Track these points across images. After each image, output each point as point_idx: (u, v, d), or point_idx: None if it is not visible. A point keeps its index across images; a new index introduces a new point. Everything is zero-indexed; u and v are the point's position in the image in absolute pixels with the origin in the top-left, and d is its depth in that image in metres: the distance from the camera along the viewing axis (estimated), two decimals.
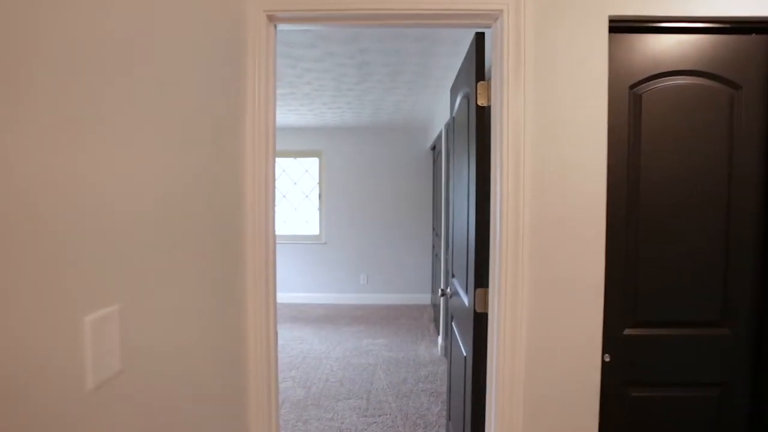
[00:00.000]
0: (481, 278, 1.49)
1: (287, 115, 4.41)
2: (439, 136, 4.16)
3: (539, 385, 1.35)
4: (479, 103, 1.48)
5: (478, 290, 1.48)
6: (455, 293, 2.03)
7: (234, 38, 1.26)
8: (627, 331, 1.41)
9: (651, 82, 1.39)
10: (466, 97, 1.69)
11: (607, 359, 1.40)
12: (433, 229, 5.24)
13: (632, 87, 1.39)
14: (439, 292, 2.20)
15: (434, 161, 5.12)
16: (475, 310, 1.49)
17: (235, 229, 1.30)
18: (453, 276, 2.12)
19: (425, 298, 5.47)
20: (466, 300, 1.67)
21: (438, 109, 4.03)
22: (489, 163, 1.44)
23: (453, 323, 2.07)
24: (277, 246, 5.27)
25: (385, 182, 5.44)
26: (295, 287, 5.55)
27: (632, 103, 1.39)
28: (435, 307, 4.80)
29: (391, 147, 5.42)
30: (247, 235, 1.37)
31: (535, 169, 1.33)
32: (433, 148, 5.10)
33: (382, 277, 5.51)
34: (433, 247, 5.17)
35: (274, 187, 1.44)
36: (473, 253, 1.54)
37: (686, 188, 1.38)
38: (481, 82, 1.47)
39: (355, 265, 5.52)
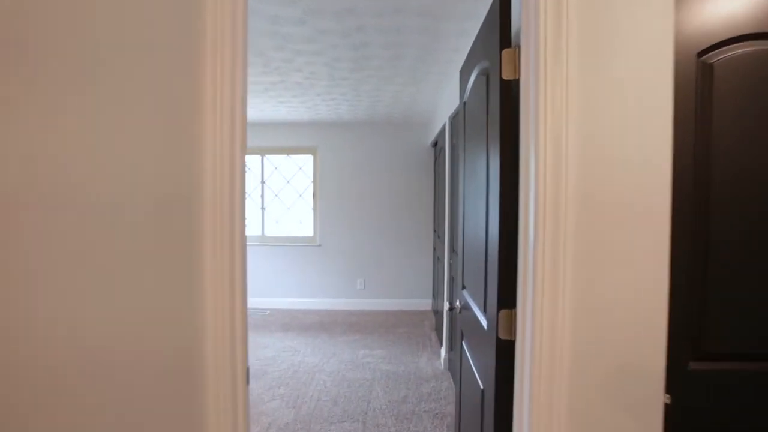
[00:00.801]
0: (505, 296, 1.19)
1: (278, 108, 4.10)
2: (442, 132, 3.86)
3: None
4: (504, 76, 1.17)
5: (503, 312, 1.18)
6: (466, 307, 1.73)
7: None
8: (693, 365, 1.11)
9: (725, 48, 1.09)
10: (485, 73, 1.38)
11: (667, 401, 1.10)
12: (435, 230, 4.93)
13: (700, 54, 1.09)
14: (446, 305, 1.90)
15: (436, 158, 4.82)
16: (497, 336, 1.19)
17: (186, 226, 1.01)
18: (464, 287, 1.81)
19: (426, 304, 5.17)
20: (483, 321, 1.37)
21: (441, 101, 3.72)
22: (517, 150, 1.14)
23: (464, 343, 1.76)
24: (270, 248, 4.95)
25: (384, 181, 5.14)
26: (287, 292, 5.24)
27: (700, 75, 1.09)
28: (437, 313, 4.50)
29: (389, 143, 5.12)
30: (205, 233, 1.07)
31: (581, 157, 1.02)
32: (435, 144, 4.80)
33: (380, 282, 5.20)
34: (434, 249, 4.87)
35: (243, 181, 1.13)
36: (495, 264, 1.24)
37: None
38: (507, 49, 1.17)
39: (351, 268, 5.21)
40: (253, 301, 5.23)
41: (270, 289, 5.24)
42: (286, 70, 2.84)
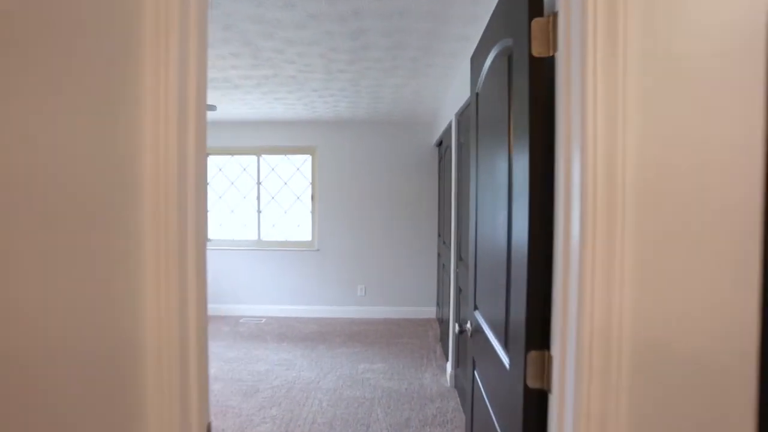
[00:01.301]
0: (535, 331, 0.94)
1: (273, 105, 3.86)
2: (448, 130, 3.61)
3: None
4: (535, 52, 0.92)
5: (532, 354, 0.92)
6: (479, 331, 1.48)
7: None
8: None
9: None
10: (506, 53, 1.13)
11: None
12: (439, 235, 4.68)
13: None
14: (455, 327, 1.65)
15: (440, 159, 4.57)
16: (525, 384, 0.94)
17: (123, 225, 0.77)
18: (476, 308, 1.56)
19: (430, 312, 4.91)
20: (504, 359, 1.11)
21: (446, 97, 3.48)
22: (549, 142, 0.90)
23: (477, 373, 1.51)
24: (266, 253, 4.70)
25: (385, 182, 4.89)
26: (284, 299, 4.99)
27: None
28: (441, 322, 4.25)
29: (391, 143, 4.87)
30: (144, 237, 0.82)
31: (642, 145, 0.77)
32: (439, 144, 4.55)
33: (381, 289, 4.95)
34: (439, 255, 4.61)
35: (200, 175, 0.89)
36: (521, 288, 0.99)
37: None
38: (538, 18, 0.92)
39: (351, 274, 4.96)
40: (248, 309, 4.99)
41: (266, 296, 5.00)
42: (278, 62, 2.60)
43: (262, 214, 5.08)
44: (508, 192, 1.11)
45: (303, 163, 5.05)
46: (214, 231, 5.16)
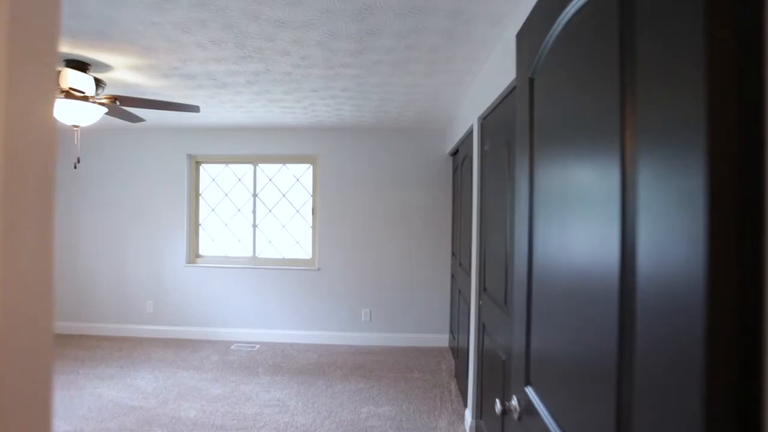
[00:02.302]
0: None
1: (269, 108, 3.45)
2: (467, 137, 3.17)
3: None
4: None
5: None
6: (533, 413, 1.00)
7: None
8: None
9: None
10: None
11: None
12: (453, 254, 4.21)
13: None
14: (496, 406, 1.17)
15: (455, 170, 4.12)
16: None
17: None
18: (529, 383, 1.08)
19: (442, 340, 4.41)
20: None
21: (465, 100, 3.04)
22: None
23: None
24: (261, 272, 4.20)
25: (393, 196, 4.44)
26: (281, 323, 4.52)
27: None
28: (455, 352, 3.75)
29: (400, 152, 4.43)
30: None
31: None
32: (455, 153, 4.11)
33: (388, 313, 4.47)
34: (453, 277, 4.13)
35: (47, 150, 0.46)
36: (689, 369, 0.51)
37: None
38: None
39: (355, 297, 4.48)
40: (240, 334, 4.52)
41: (260, 320, 4.53)
42: (269, 53, 2.17)
43: (258, 229, 4.64)
44: (621, 206, 0.64)
45: (303, 173, 4.62)
46: (205, 247, 4.72)
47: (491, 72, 2.20)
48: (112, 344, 4.36)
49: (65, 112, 2.29)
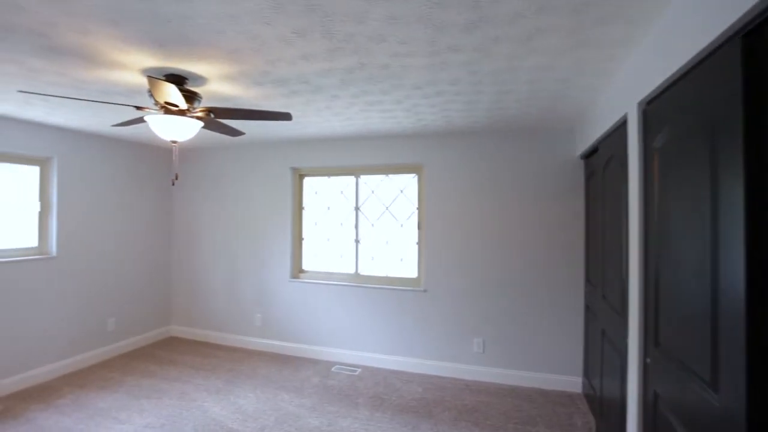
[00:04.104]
0: None
1: (369, 113, 3.13)
2: (615, 132, 2.43)
3: None
4: None
5: None
6: None
7: None
8: None
9: None
10: None
11: None
12: (588, 279, 3.39)
13: None
14: None
15: (590, 176, 3.32)
16: None
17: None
18: None
19: (573, 384, 3.58)
20: None
21: (616, 80, 2.31)
22: None
23: None
24: (364, 290, 3.74)
25: (511, 208, 3.78)
26: (383, 347, 4.16)
27: None
28: (594, 404, 2.95)
29: (518, 158, 3.77)
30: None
31: None
32: (589, 155, 3.31)
33: (505, 346, 3.80)
34: (588, 308, 3.31)
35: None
36: None
37: None
38: None
39: (466, 324, 3.91)
40: (342, 355, 4.28)
41: (363, 342, 4.24)
42: (361, 40, 1.80)
43: (360, 245, 4.37)
44: None
45: (407, 184, 4.24)
46: (308, 262, 4.62)
47: (671, 30, 1.51)
48: (224, 354, 4.47)
49: (163, 127, 2.23)
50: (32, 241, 3.76)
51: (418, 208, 4.17)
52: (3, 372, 3.44)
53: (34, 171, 3.77)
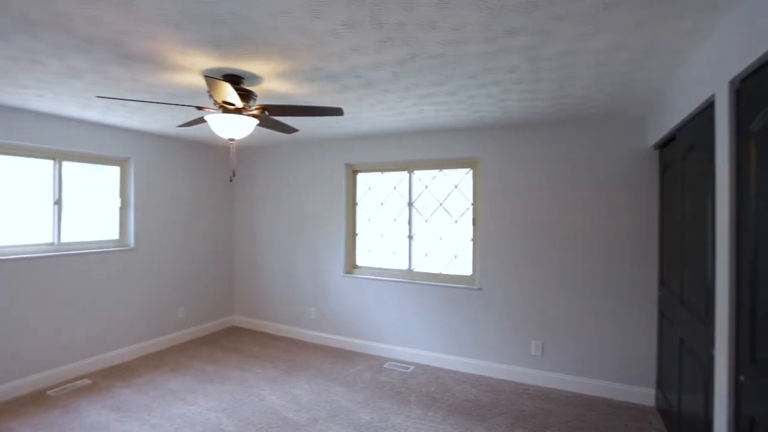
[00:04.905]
0: None
1: (421, 106, 3.06)
2: (696, 119, 2.17)
3: None
4: None
5: None
6: None
7: None
8: None
9: None
10: None
11: None
12: (662, 281, 3.08)
13: None
14: None
15: (665, 167, 3.00)
16: None
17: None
18: None
19: (645, 396, 3.28)
20: None
21: (696, 59, 2.05)
22: None
23: None
24: (417, 287, 3.71)
25: (572, 203, 3.53)
26: (436, 346, 4.08)
27: None
28: (670, 421, 2.67)
29: (581, 149, 3.51)
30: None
31: None
32: (665, 144, 2.99)
33: (566, 350, 3.57)
34: (662, 314, 3.01)
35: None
36: None
37: None
38: None
39: (523, 324, 3.73)
40: (394, 351, 4.26)
41: (415, 339, 4.19)
42: (411, 29, 1.74)
43: (414, 241, 4.32)
44: None
45: (462, 179, 4.11)
46: (362, 257, 4.65)
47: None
48: (281, 344, 4.64)
49: (221, 125, 2.32)
50: (114, 234, 4.13)
51: (472, 204, 4.03)
52: (90, 350, 3.82)
53: (115, 170, 4.14)
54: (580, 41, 1.87)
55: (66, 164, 3.73)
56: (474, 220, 4.01)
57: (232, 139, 2.43)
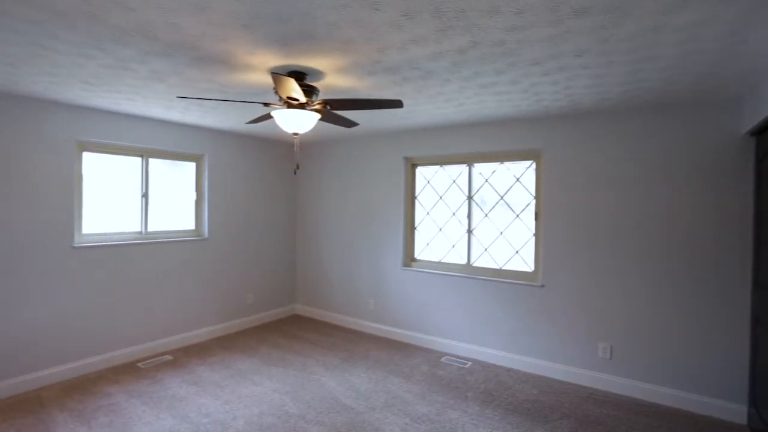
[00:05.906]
0: None
1: (482, 96, 2.98)
2: None
3: None
4: None
5: None
6: None
7: None
8: None
9: None
10: None
11: None
12: (757, 283, 2.75)
13: None
14: None
15: (763, 157, 2.66)
16: None
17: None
18: None
19: (735, 413, 2.96)
20: None
21: None
22: None
23: None
24: (477, 282, 3.70)
25: (647, 196, 3.26)
26: (495, 342, 3.99)
27: None
28: None
29: (659, 138, 3.22)
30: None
31: None
32: (763, 130, 2.66)
33: (637, 354, 3.32)
34: (757, 319, 2.69)
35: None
36: None
37: None
38: None
39: (589, 325, 3.52)
40: (452, 346, 4.23)
41: (474, 335, 4.12)
42: (472, 15, 1.70)
43: (473, 235, 4.24)
44: None
45: (524, 172, 3.95)
46: (420, 251, 4.65)
47: None
48: (340, 334, 4.78)
49: (286, 120, 2.43)
50: (190, 224, 4.50)
51: (535, 198, 3.86)
52: (172, 330, 4.21)
53: (191, 166, 4.49)
54: (662, 17, 1.71)
55: (151, 161, 4.12)
56: (536, 214, 3.84)
57: (296, 134, 2.54)
